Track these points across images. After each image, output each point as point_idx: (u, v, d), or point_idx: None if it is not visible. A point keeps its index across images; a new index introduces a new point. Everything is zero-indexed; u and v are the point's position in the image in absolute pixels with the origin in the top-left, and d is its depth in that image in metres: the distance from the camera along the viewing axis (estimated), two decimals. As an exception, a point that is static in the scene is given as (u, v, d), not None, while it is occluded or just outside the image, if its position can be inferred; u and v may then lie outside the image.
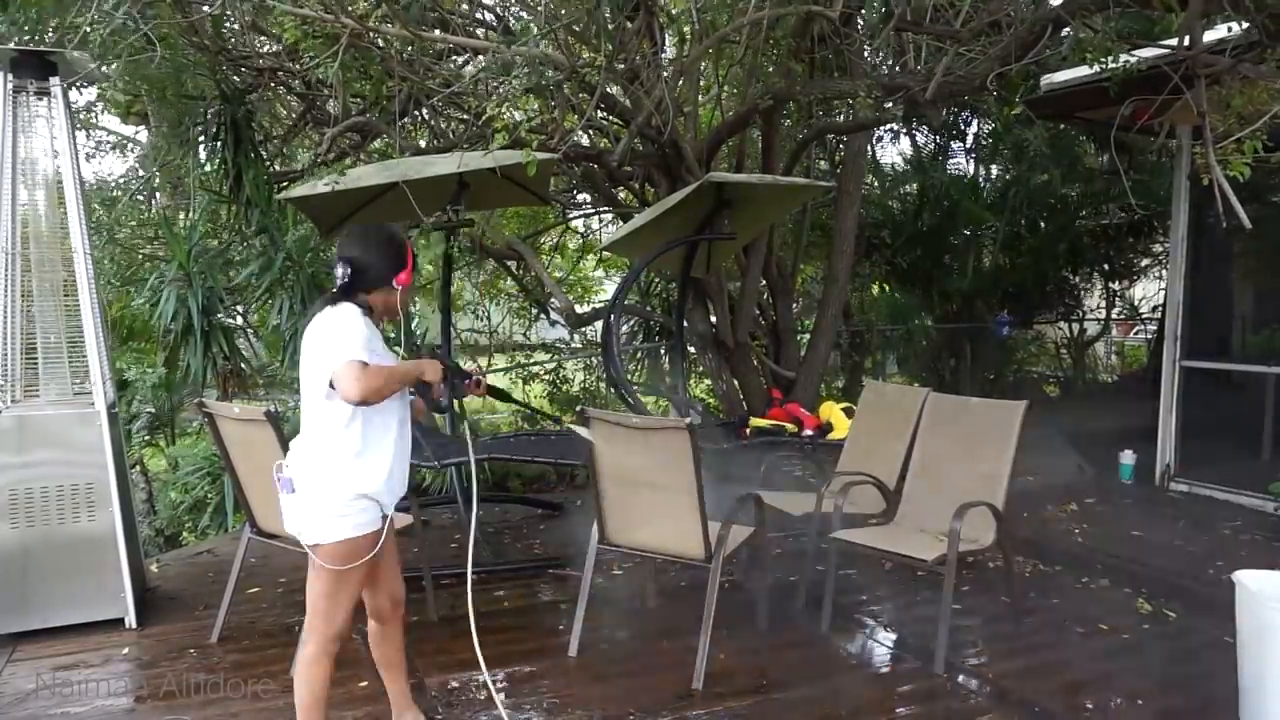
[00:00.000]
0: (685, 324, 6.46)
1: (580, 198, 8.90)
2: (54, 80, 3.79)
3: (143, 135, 7.96)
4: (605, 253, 9.02)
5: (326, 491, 2.42)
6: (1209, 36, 3.49)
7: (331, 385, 2.35)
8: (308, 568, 2.49)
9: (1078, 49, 3.69)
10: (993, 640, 3.78)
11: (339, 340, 2.35)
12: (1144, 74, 3.56)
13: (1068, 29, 3.69)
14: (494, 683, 3.29)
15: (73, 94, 5.63)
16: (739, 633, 3.75)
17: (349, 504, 2.42)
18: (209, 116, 5.49)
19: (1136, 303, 11.17)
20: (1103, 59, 3.49)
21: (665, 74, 4.92)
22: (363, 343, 2.36)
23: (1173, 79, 3.24)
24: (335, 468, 2.43)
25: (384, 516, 2.52)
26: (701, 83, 7.16)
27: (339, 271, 2.49)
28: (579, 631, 3.58)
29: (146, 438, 6.74)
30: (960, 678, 3.40)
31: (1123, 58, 3.54)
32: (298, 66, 5.49)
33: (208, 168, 5.81)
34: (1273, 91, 3.06)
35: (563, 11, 3.69)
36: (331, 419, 2.42)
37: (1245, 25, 3.26)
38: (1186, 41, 3.26)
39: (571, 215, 9.25)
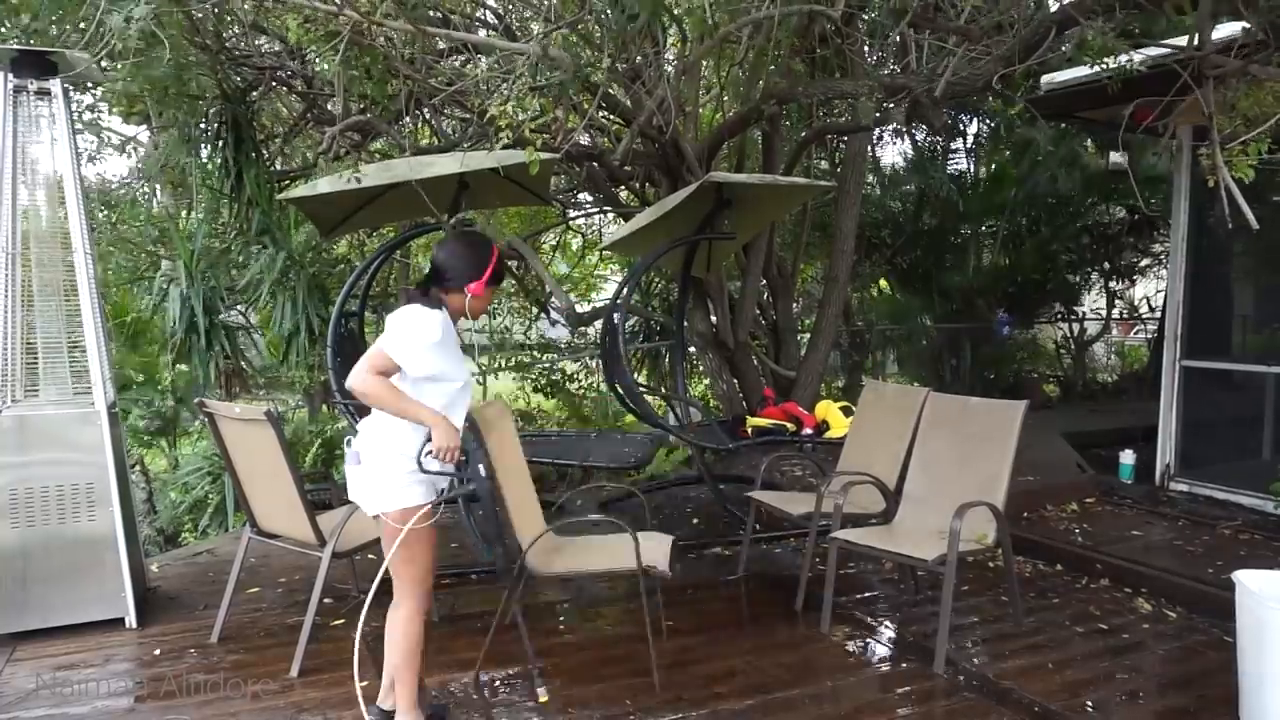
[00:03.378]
0: (685, 324, 6.46)
1: (581, 197, 8.89)
2: (54, 80, 3.79)
3: (144, 135, 7.96)
4: (607, 252, 9.02)
5: (393, 462, 2.60)
6: (1215, 37, 3.48)
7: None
8: (382, 540, 2.68)
9: (1081, 51, 3.68)
10: (993, 640, 3.78)
11: (400, 332, 2.53)
12: (1147, 74, 3.56)
13: (1071, 30, 3.68)
14: (494, 683, 3.29)
15: (78, 94, 5.65)
16: (739, 633, 3.75)
17: (413, 473, 2.59)
18: (210, 115, 5.49)
19: (1136, 303, 11.17)
20: (1103, 60, 3.49)
21: (668, 73, 4.92)
22: (423, 345, 2.53)
23: (1175, 79, 3.24)
24: (401, 441, 2.59)
25: (438, 492, 2.70)
26: (702, 82, 7.16)
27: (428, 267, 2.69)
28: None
29: (147, 438, 6.74)
30: (960, 678, 3.40)
31: (1122, 58, 3.54)
32: (299, 65, 5.50)
33: (209, 167, 5.81)
34: (1278, 93, 3.05)
35: (564, 15, 3.69)
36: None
37: (1249, 26, 3.26)
38: (1195, 41, 3.26)
39: (572, 215, 9.25)
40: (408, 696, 2.75)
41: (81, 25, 3.61)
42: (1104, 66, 3.56)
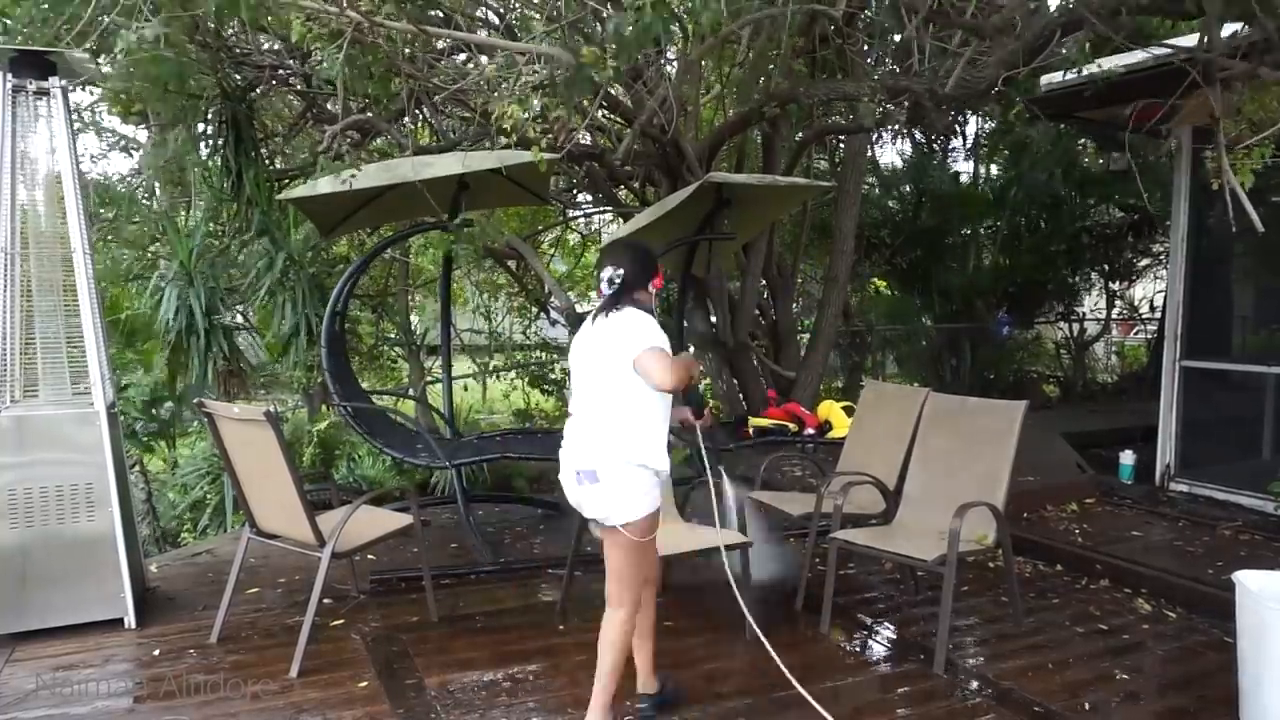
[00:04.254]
0: (685, 324, 6.46)
1: (581, 197, 8.89)
2: (54, 80, 3.79)
3: (143, 135, 7.95)
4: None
5: (637, 474, 2.71)
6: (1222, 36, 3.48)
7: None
8: (608, 547, 2.80)
9: (1083, 52, 3.68)
10: (993, 640, 3.78)
11: (648, 333, 2.68)
12: (1147, 74, 3.55)
13: (1075, 33, 3.68)
14: (494, 683, 3.29)
15: (79, 94, 5.64)
16: (738, 633, 3.74)
17: (652, 481, 2.74)
18: (210, 115, 5.48)
19: (1136, 303, 11.17)
20: (1087, 63, 3.48)
21: (669, 72, 4.92)
22: (664, 339, 2.70)
23: (1176, 80, 3.23)
24: (641, 452, 2.70)
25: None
26: (703, 83, 7.16)
27: (608, 275, 2.80)
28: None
29: (147, 439, 6.72)
30: (960, 678, 3.40)
31: (1105, 64, 3.53)
32: (298, 64, 5.49)
33: (209, 166, 5.80)
34: None
35: (568, 15, 3.68)
36: (639, 408, 2.71)
37: (1257, 29, 3.25)
38: (1202, 40, 3.25)
39: (572, 215, 9.24)
40: (605, 698, 2.79)
41: (84, 31, 3.60)
42: (1096, 69, 3.56)
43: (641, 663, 3.07)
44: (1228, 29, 3.61)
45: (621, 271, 2.79)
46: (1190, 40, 3.42)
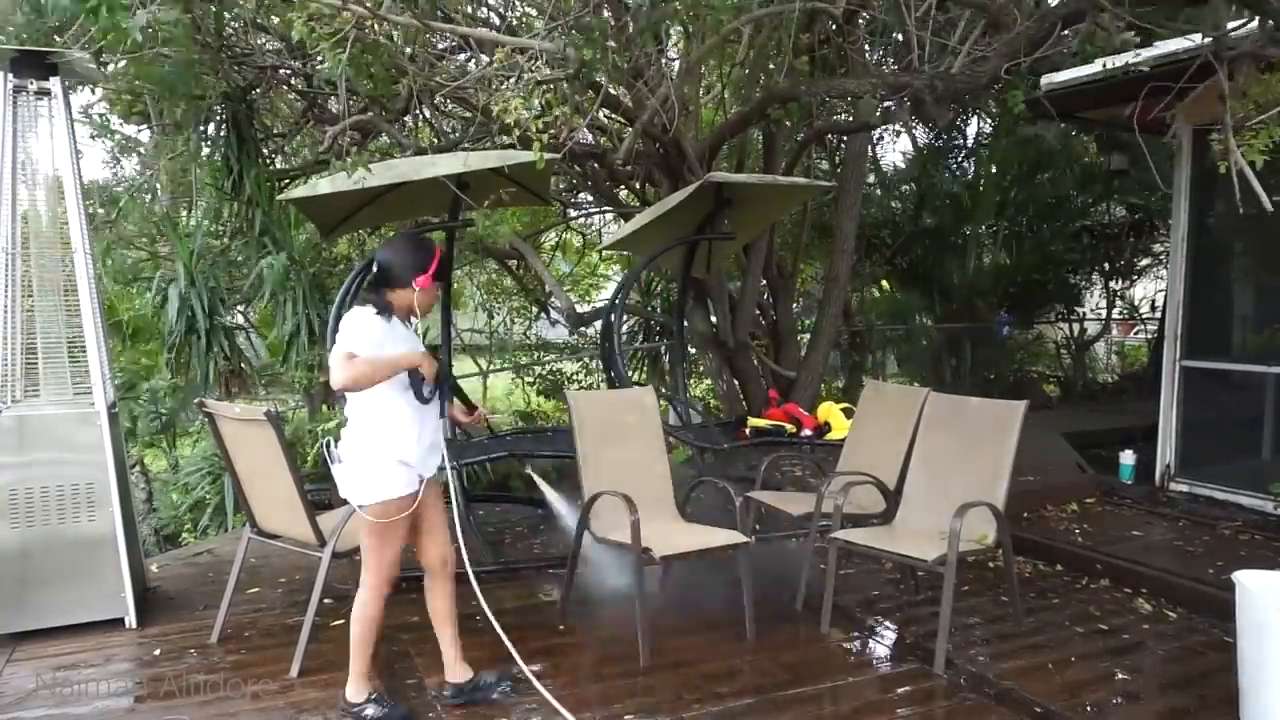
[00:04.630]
0: (685, 324, 6.46)
1: (581, 197, 8.89)
2: (54, 80, 3.79)
3: (144, 135, 7.96)
4: (609, 251, 9.01)
5: (366, 460, 2.84)
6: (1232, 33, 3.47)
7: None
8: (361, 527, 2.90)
9: (1086, 45, 3.67)
10: (993, 640, 3.78)
11: (341, 335, 2.75)
12: (1149, 71, 3.55)
13: (1077, 25, 3.67)
14: (493, 683, 3.29)
15: (84, 94, 5.65)
16: (738, 633, 3.75)
17: (385, 469, 2.83)
18: (211, 115, 5.49)
19: (1136, 303, 11.17)
20: (1107, 54, 3.47)
21: (670, 72, 4.92)
22: (365, 339, 2.74)
23: (1179, 77, 3.23)
24: (369, 440, 2.84)
25: (419, 479, 2.91)
26: (704, 82, 7.16)
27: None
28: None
29: (148, 439, 6.73)
30: (960, 678, 3.40)
31: (1125, 59, 3.53)
32: (300, 64, 5.49)
33: (210, 166, 5.81)
34: None
35: (570, 14, 3.69)
36: (356, 400, 2.84)
37: (1259, 20, 3.25)
38: (1199, 38, 3.25)
39: (572, 215, 9.25)
40: (359, 668, 2.96)
41: (84, 30, 3.61)
42: (1109, 66, 3.55)
43: (445, 650, 3.16)
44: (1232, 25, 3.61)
45: (379, 262, 2.88)
46: (1193, 41, 3.41)
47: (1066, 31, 3.71)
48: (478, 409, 3.34)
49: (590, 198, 8.71)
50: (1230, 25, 3.50)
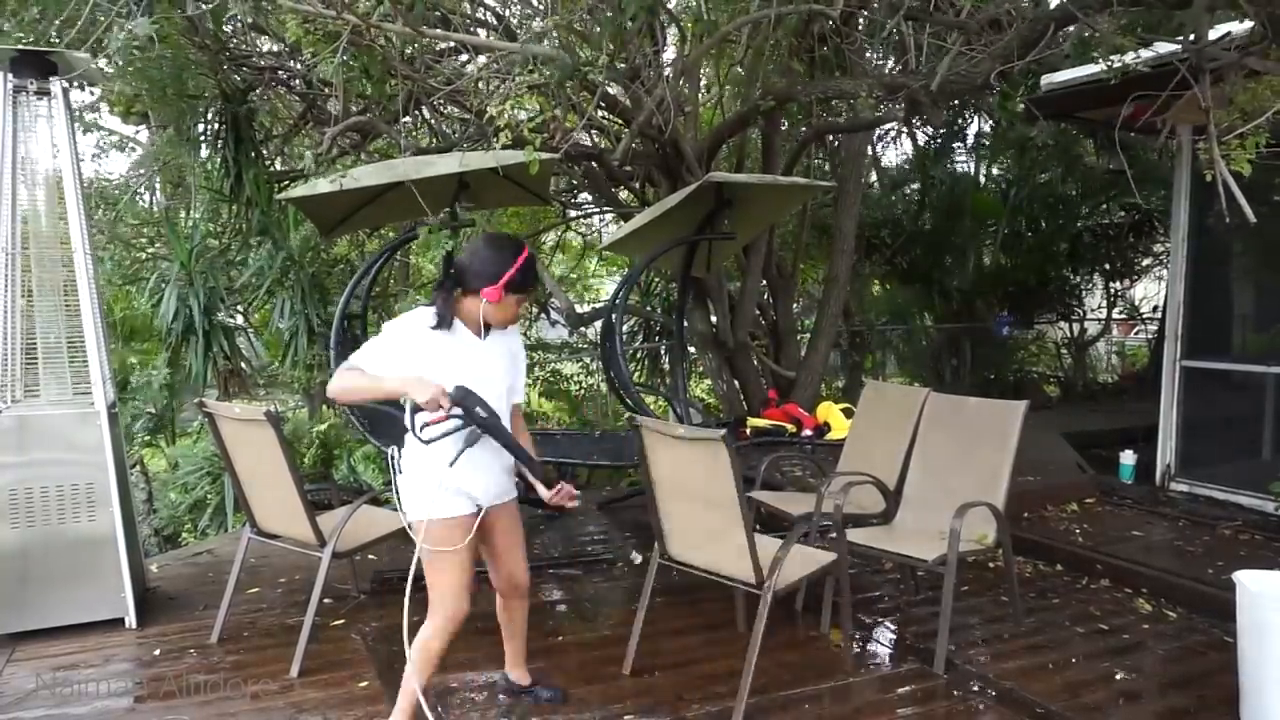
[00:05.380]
0: (685, 324, 6.46)
1: (581, 197, 8.89)
2: (54, 80, 3.79)
3: (143, 135, 7.96)
4: (606, 252, 9.02)
5: (414, 477, 2.63)
6: (1213, 34, 3.48)
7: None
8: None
9: (1079, 47, 3.68)
10: (993, 640, 3.78)
11: (374, 338, 2.57)
12: (1146, 73, 3.55)
13: (1070, 27, 3.69)
14: (494, 683, 3.29)
15: (78, 94, 5.63)
16: (738, 633, 3.75)
17: (434, 491, 2.57)
18: (210, 116, 5.49)
19: (1137, 303, 11.17)
20: (1108, 57, 3.48)
21: (666, 73, 4.92)
22: (384, 351, 2.52)
23: (1174, 78, 3.23)
24: (418, 456, 2.61)
25: (475, 505, 2.66)
26: (703, 82, 7.15)
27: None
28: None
29: (147, 438, 6.73)
30: (960, 678, 3.40)
31: (1127, 56, 3.53)
32: (298, 65, 5.49)
33: (209, 167, 5.81)
34: (1276, 88, 3.05)
35: (561, 16, 3.69)
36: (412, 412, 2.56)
37: (1249, 23, 3.26)
38: (1192, 38, 3.26)
39: (572, 215, 9.25)
40: (407, 705, 2.73)
41: (79, 28, 3.61)
42: (1108, 66, 3.56)
43: (510, 653, 3.13)
44: (1221, 29, 3.62)
45: (457, 262, 2.61)
46: (1179, 45, 3.42)
47: (1062, 33, 3.72)
48: (561, 486, 2.76)
49: (590, 198, 8.71)
50: (1221, 27, 3.51)
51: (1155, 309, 10.65)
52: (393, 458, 2.69)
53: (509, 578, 2.91)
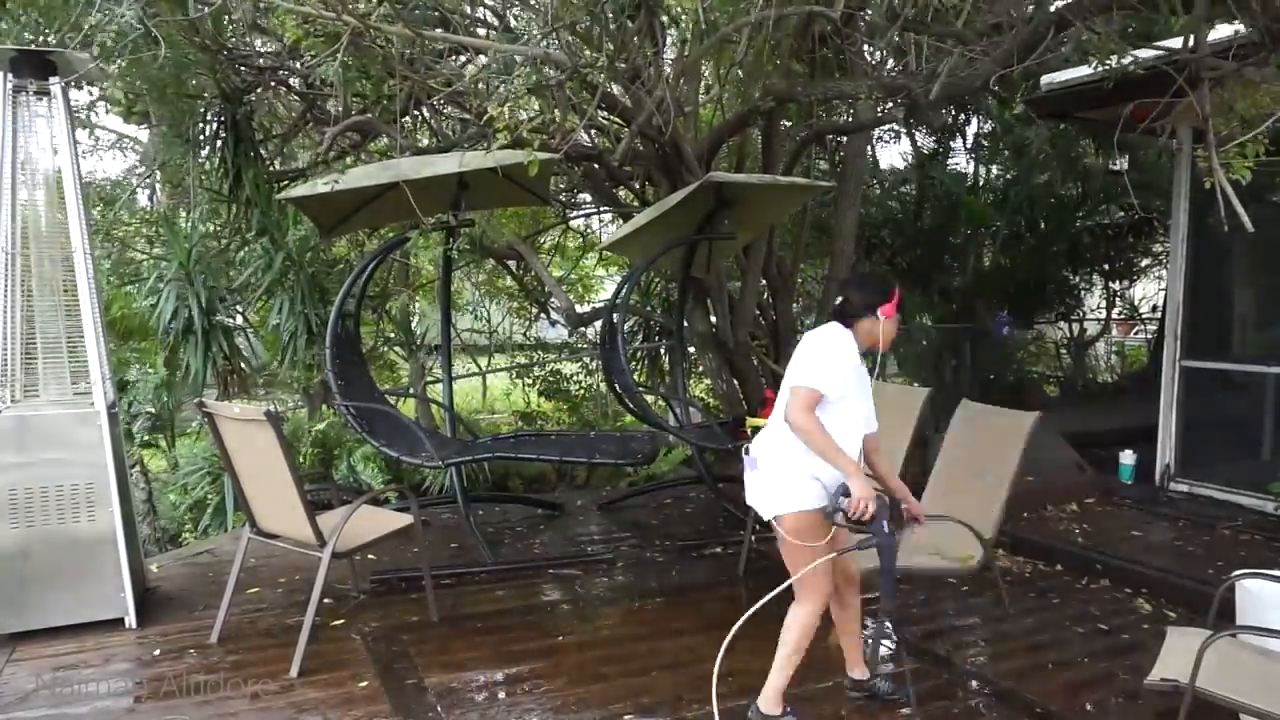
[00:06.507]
0: (685, 324, 6.46)
1: (581, 197, 8.89)
2: (54, 80, 3.79)
3: (143, 135, 7.96)
4: (606, 252, 9.02)
5: (783, 470, 2.78)
6: (1212, 38, 3.49)
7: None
8: (779, 542, 2.85)
9: (1079, 49, 3.68)
10: (993, 640, 3.78)
11: (819, 360, 2.74)
12: (1145, 75, 3.56)
13: (1069, 30, 3.68)
14: (494, 683, 3.29)
15: (77, 93, 5.64)
16: (738, 633, 3.74)
17: (805, 482, 2.75)
18: (209, 116, 5.48)
19: (1136, 303, 11.16)
20: (1105, 60, 3.48)
21: (666, 74, 4.91)
22: (839, 375, 2.74)
23: (1175, 80, 3.24)
24: (791, 450, 2.75)
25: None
26: (702, 83, 7.15)
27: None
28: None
29: (146, 438, 6.73)
30: (960, 678, 3.40)
31: (1124, 59, 3.53)
32: (298, 66, 5.49)
33: (207, 167, 5.80)
34: (1275, 95, 3.06)
35: (563, 16, 3.69)
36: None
37: (1247, 29, 3.26)
38: (1190, 43, 3.26)
39: (572, 215, 9.24)
40: (776, 688, 2.91)
41: (72, 24, 3.61)
42: (1105, 67, 3.56)
43: (847, 649, 3.24)
44: (1220, 32, 3.62)
45: (846, 294, 2.91)
46: (1177, 43, 3.42)
47: (1065, 33, 3.72)
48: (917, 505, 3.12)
49: (589, 198, 8.71)
50: (1222, 27, 3.51)
51: (1155, 309, 10.65)
52: (745, 451, 2.87)
53: (844, 571, 3.06)
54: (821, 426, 2.67)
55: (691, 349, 7.51)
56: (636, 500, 6.17)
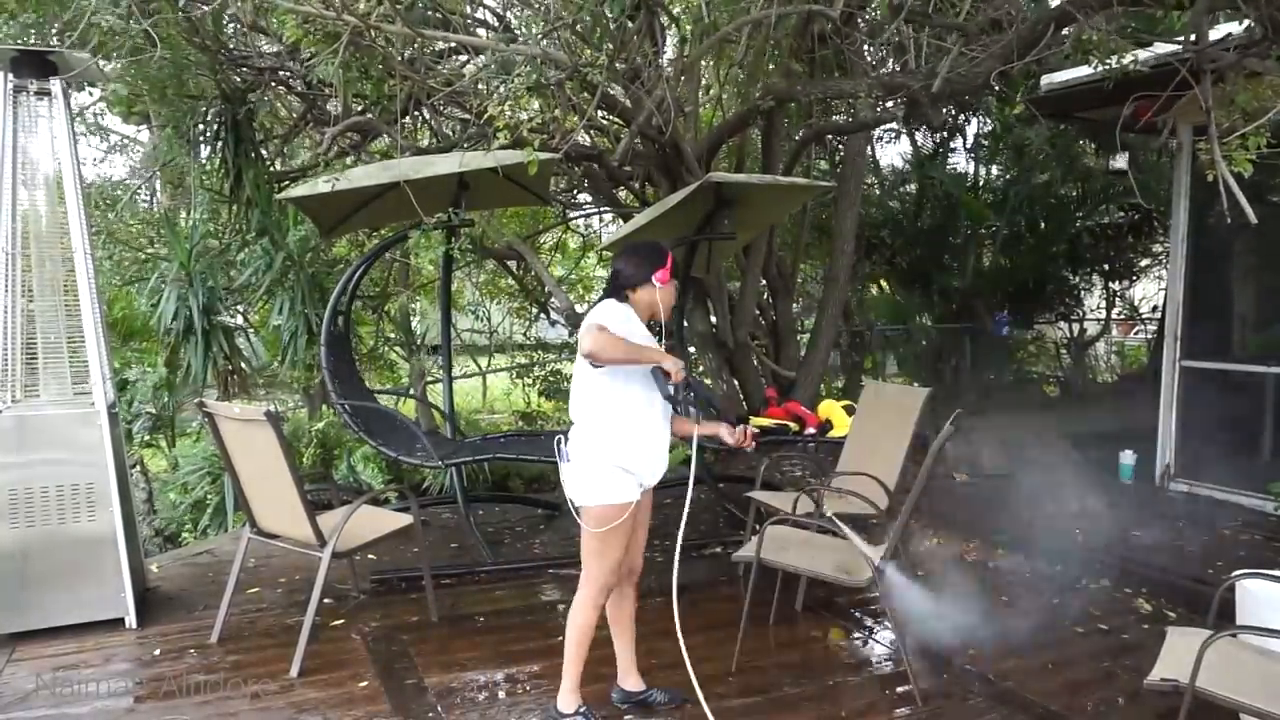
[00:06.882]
0: (685, 324, 6.45)
1: (581, 198, 8.89)
2: (54, 80, 3.79)
3: (144, 135, 7.95)
4: (606, 252, 9.02)
5: (590, 462, 2.79)
6: (1213, 35, 3.49)
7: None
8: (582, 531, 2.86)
9: (1079, 46, 3.68)
10: (993, 640, 3.78)
11: (593, 314, 2.74)
12: (1146, 73, 3.56)
13: (1069, 28, 3.68)
14: (494, 683, 3.29)
15: (82, 94, 5.64)
16: (738, 633, 3.74)
17: (611, 474, 2.78)
18: (210, 116, 5.48)
19: (1136, 303, 11.17)
20: (1106, 59, 3.48)
21: (666, 74, 4.91)
22: (616, 320, 2.71)
23: (1175, 78, 3.24)
24: (595, 442, 2.79)
25: (640, 488, 2.85)
26: (702, 82, 7.15)
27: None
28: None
29: (146, 438, 6.73)
30: (960, 678, 3.40)
31: (1125, 58, 3.54)
32: (298, 66, 5.49)
33: (208, 167, 5.80)
34: (1277, 87, 3.05)
35: (565, 15, 3.69)
36: (590, 395, 2.79)
37: (1249, 24, 3.26)
38: (1193, 39, 3.26)
39: (572, 215, 9.25)
40: (567, 688, 2.92)
41: (69, 22, 3.61)
42: (1106, 66, 3.56)
43: (620, 656, 3.13)
44: (1222, 29, 3.62)
45: (618, 268, 2.89)
46: (1177, 43, 3.42)
47: (1065, 31, 3.72)
48: (744, 426, 3.16)
49: (590, 198, 8.71)
50: (1222, 27, 3.51)
51: (1155, 309, 10.65)
52: (558, 445, 2.87)
53: (629, 563, 3.02)
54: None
55: (692, 349, 7.50)
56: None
